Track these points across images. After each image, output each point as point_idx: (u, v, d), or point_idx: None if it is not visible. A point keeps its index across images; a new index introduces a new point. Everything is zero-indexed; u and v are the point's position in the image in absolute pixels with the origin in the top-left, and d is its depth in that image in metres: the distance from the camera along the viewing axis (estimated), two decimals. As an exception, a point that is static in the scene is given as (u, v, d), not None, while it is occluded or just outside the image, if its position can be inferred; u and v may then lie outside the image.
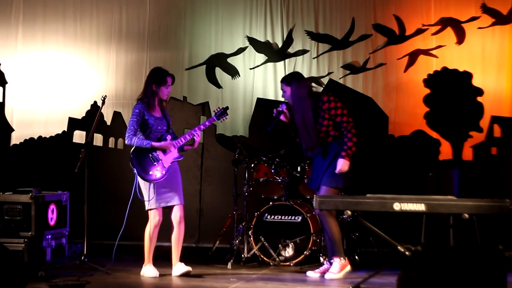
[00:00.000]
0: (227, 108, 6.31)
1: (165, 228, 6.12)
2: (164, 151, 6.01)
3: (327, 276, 5.94)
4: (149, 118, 6.03)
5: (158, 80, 6.08)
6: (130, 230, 6.26)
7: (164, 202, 6.01)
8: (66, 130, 8.59)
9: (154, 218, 6.00)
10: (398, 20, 8.12)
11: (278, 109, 6.11)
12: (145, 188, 6.00)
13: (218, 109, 6.30)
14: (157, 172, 5.96)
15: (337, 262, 5.94)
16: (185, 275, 5.98)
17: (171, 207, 6.05)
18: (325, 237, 6.19)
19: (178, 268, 6.03)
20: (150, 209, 6.00)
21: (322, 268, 6.16)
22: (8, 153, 8.66)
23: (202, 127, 6.12)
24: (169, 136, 6.08)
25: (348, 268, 5.97)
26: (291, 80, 6.11)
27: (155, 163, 5.97)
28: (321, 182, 5.98)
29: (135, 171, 5.96)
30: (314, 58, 8.27)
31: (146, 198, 5.97)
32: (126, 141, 6.03)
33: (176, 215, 6.03)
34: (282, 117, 6.13)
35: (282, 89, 6.14)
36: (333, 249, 5.98)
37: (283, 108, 6.10)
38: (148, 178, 5.96)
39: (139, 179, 5.99)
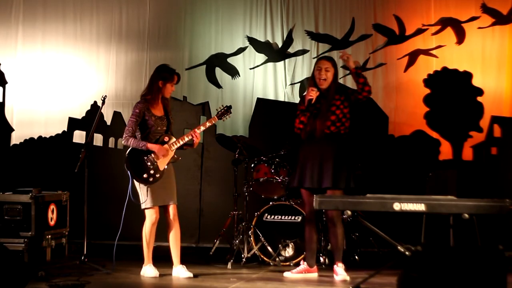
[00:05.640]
0: (230, 107, 6.28)
1: (165, 228, 6.11)
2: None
3: (340, 278, 5.88)
4: (149, 119, 6.00)
5: (165, 76, 6.06)
6: (130, 230, 6.26)
7: (160, 201, 6.00)
8: (66, 130, 8.59)
9: (151, 216, 5.99)
10: (398, 20, 8.12)
11: (311, 94, 6.00)
12: (140, 189, 5.99)
13: (221, 108, 6.29)
14: (151, 175, 5.94)
15: (341, 266, 5.97)
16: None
17: (164, 206, 6.04)
18: (332, 239, 6.12)
19: (180, 271, 6.01)
20: (147, 208, 5.99)
21: (299, 269, 6.13)
22: (8, 153, 8.66)
23: (201, 127, 6.11)
24: (166, 137, 6.07)
25: None
26: (335, 63, 6.18)
27: (150, 165, 5.96)
28: (333, 182, 5.89)
29: (129, 172, 5.95)
30: (314, 58, 8.25)
31: (142, 199, 5.97)
32: (123, 142, 6.04)
33: (171, 214, 6.03)
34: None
35: (326, 68, 6.07)
36: (339, 254, 5.99)
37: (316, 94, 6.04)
38: (142, 180, 5.94)
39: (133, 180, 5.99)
